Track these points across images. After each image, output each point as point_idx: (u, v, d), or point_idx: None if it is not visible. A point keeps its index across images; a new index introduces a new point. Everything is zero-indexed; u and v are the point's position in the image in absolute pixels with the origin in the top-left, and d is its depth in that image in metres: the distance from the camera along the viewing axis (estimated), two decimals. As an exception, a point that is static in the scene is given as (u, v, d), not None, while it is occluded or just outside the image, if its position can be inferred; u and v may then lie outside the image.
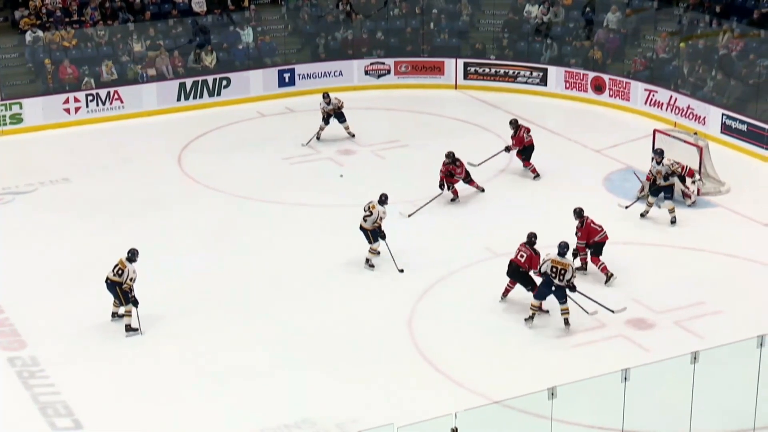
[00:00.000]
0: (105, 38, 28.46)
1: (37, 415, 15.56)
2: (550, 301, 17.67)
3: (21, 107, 26.88)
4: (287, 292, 19.02)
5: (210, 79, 28.55)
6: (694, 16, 28.22)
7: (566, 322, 17.53)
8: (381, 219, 19.46)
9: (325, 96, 25.58)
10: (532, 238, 18.11)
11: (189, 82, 28.37)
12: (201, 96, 28.48)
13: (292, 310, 18.40)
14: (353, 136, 25.82)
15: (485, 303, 18.51)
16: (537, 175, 23.50)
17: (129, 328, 17.56)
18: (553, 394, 12.77)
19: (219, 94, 28.65)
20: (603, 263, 19.12)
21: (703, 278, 19.31)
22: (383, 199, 19.61)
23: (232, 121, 27.61)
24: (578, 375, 14.56)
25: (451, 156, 21.95)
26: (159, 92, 28.10)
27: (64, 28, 28.35)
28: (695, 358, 13.53)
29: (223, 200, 22.84)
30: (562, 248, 17.43)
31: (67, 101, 27.21)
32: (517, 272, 18.11)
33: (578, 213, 19.18)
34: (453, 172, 22.00)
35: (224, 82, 28.67)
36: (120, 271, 17.47)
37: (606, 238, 19.15)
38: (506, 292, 18.41)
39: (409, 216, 21.53)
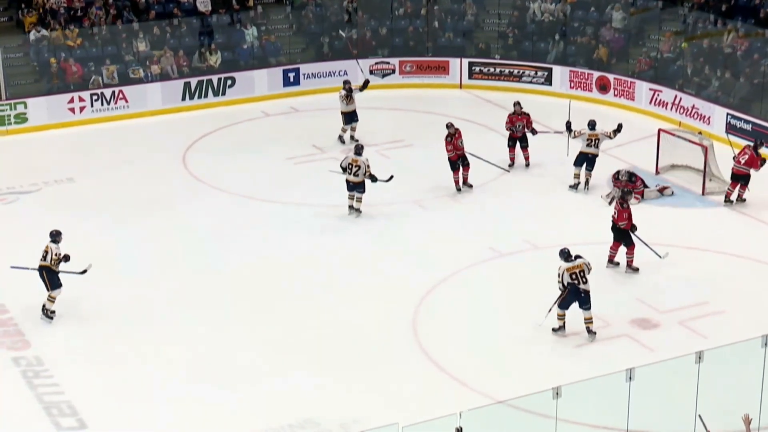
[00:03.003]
0: (109, 38, 28.46)
1: (42, 415, 15.58)
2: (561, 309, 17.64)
3: (26, 107, 26.88)
4: (290, 291, 19.01)
5: (215, 78, 28.54)
6: (698, 15, 28.18)
7: (589, 331, 17.23)
8: (368, 167, 21.16)
9: (346, 83, 25.70)
10: (626, 196, 19.25)
11: (194, 81, 28.36)
12: (205, 95, 28.46)
13: (296, 310, 18.40)
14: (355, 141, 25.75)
15: (489, 303, 18.51)
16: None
17: (45, 310, 17.79)
18: (557, 393, 12.75)
19: (223, 93, 28.63)
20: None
21: (707, 278, 19.29)
22: (359, 151, 21.13)
23: (236, 120, 27.61)
24: (583, 375, 14.56)
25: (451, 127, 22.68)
26: (163, 92, 28.10)
27: (69, 27, 28.36)
28: (700, 358, 13.51)
29: (227, 200, 22.84)
30: (565, 254, 17.10)
31: (71, 101, 27.20)
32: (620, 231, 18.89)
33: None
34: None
35: (229, 82, 28.66)
36: (45, 254, 17.66)
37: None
38: (611, 258, 19.39)
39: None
